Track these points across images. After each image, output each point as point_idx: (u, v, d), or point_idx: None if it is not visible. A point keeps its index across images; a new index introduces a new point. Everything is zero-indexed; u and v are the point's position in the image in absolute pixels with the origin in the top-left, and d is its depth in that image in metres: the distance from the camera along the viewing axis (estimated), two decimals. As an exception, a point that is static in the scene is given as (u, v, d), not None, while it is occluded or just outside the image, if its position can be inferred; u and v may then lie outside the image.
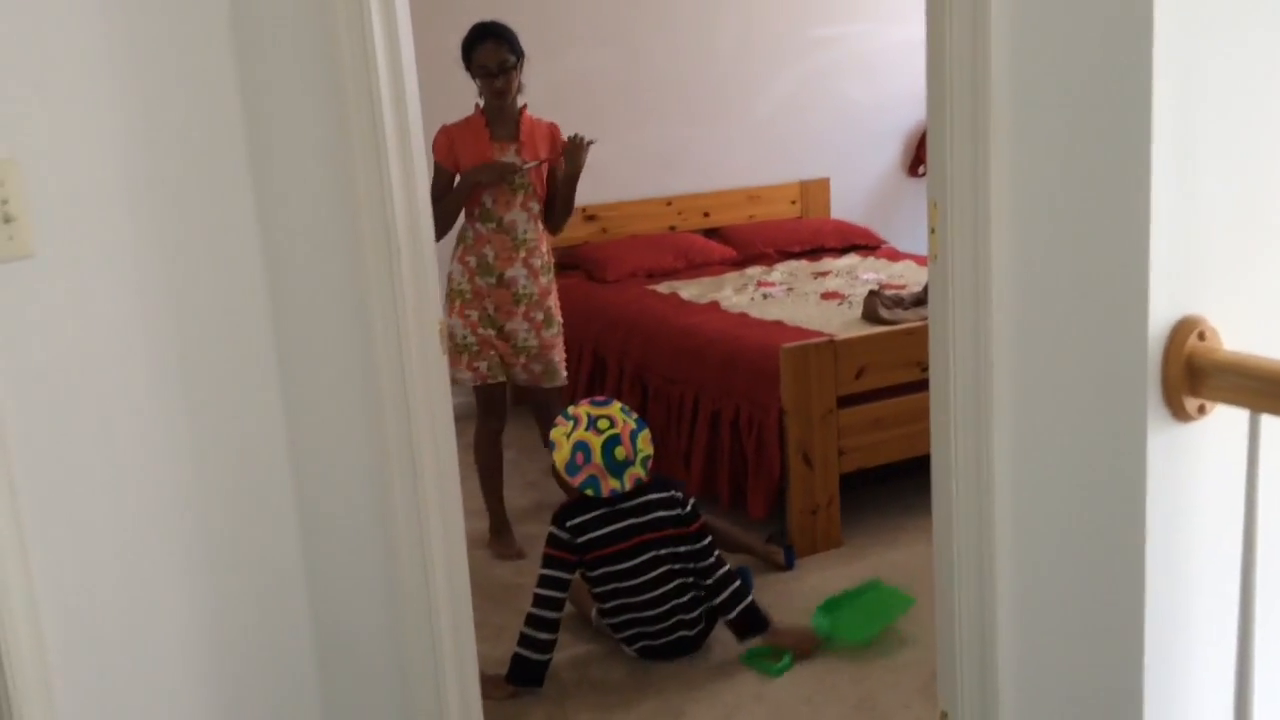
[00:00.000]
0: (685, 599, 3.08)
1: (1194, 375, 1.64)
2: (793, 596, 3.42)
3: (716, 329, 4.24)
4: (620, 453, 3.04)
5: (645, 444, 3.09)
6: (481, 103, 3.66)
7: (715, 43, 5.82)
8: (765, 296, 4.74)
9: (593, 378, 4.70)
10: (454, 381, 3.33)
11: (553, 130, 3.76)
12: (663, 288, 5.02)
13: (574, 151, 3.63)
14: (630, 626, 3.08)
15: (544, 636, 2.95)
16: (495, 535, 3.91)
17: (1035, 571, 1.82)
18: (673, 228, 5.77)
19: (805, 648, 3.11)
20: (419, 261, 2.02)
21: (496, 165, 3.60)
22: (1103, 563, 1.72)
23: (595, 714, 2.89)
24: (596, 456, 3.02)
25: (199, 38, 1.90)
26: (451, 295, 3.70)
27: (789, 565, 3.58)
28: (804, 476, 3.66)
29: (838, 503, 3.74)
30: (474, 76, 3.60)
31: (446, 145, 3.62)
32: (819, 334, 3.93)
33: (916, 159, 6.38)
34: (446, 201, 3.55)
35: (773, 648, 3.10)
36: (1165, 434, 1.66)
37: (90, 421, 1.76)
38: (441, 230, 3.26)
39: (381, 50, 1.90)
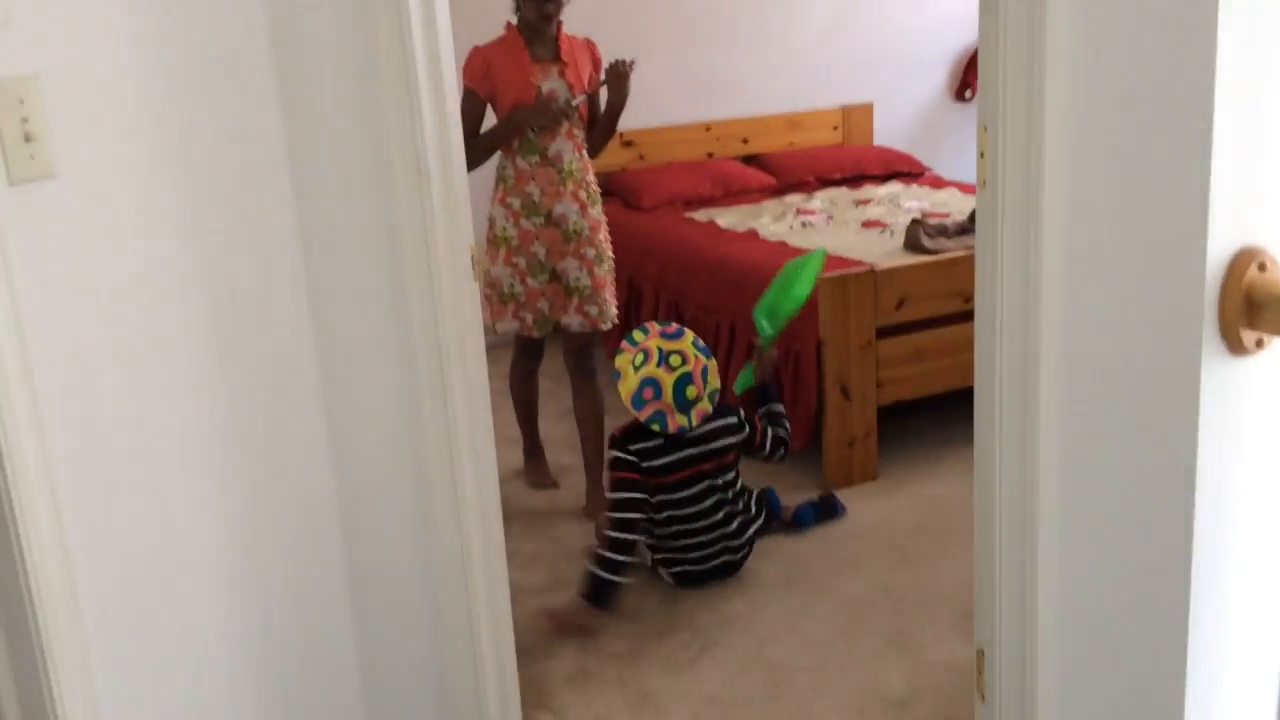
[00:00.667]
0: (734, 526, 3.09)
1: (1253, 308, 1.57)
2: (829, 532, 3.40)
3: (754, 258, 4.16)
4: (692, 391, 2.99)
5: (714, 378, 3.05)
6: (515, 20, 3.35)
7: (757, -37, 5.66)
8: (805, 225, 4.65)
9: (628, 307, 4.64)
10: (496, 332, 3.32)
11: (591, 48, 3.47)
12: (700, 215, 4.94)
13: (618, 80, 3.31)
14: (677, 553, 3.08)
15: (622, 558, 2.93)
16: (529, 464, 3.84)
17: (1079, 509, 1.78)
18: (711, 154, 5.67)
19: (769, 360, 3.33)
20: (450, 187, 1.97)
21: (550, 106, 3.25)
22: (1150, 500, 1.67)
23: (628, 643, 2.89)
24: (668, 395, 2.96)
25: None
26: (495, 241, 3.39)
27: (840, 511, 3.53)
28: (841, 408, 3.62)
29: (875, 435, 3.69)
30: None
31: (482, 68, 3.28)
32: (859, 263, 3.85)
33: (964, 83, 6.21)
34: (485, 138, 3.30)
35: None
36: (1220, 368, 1.60)
37: (118, 349, 1.73)
38: (471, 166, 3.03)
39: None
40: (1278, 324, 1.57)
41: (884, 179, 5.48)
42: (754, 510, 3.17)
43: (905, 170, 5.56)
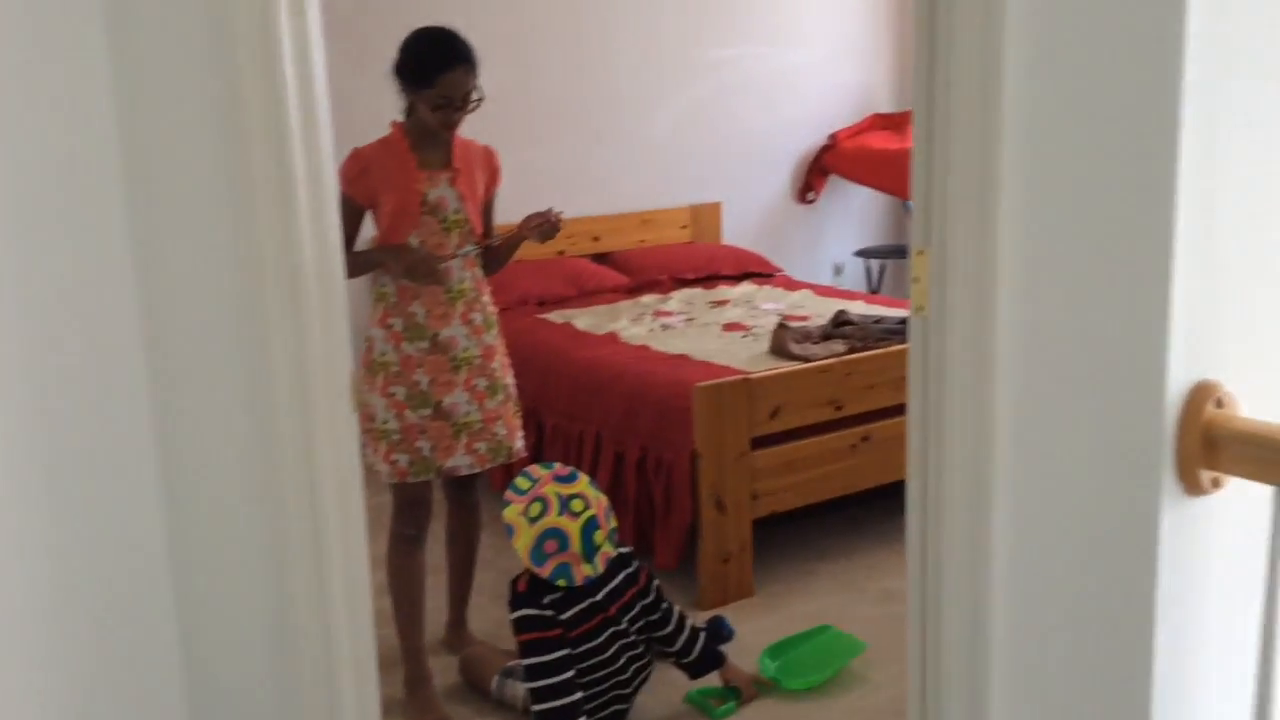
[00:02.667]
0: (628, 672, 2.83)
1: (1211, 446, 1.50)
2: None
3: (618, 363, 4.02)
4: (599, 536, 2.72)
5: (613, 517, 2.80)
6: (403, 120, 2.93)
7: (609, 63, 5.62)
8: (665, 327, 4.54)
9: (482, 413, 4.41)
10: (367, 470, 2.69)
11: (490, 156, 3.08)
12: (555, 316, 4.77)
13: (548, 229, 2.99)
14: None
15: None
16: (414, 697, 2.97)
17: (1033, 657, 1.65)
18: (562, 252, 5.52)
19: (750, 691, 2.96)
20: (329, 309, 1.73)
21: (420, 257, 2.81)
22: (1109, 644, 1.57)
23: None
24: (575, 544, 2.68)
25: (67, 36, 1.59)
26: (373, 368, 2.90)
27: (729, 636, 3.31)
28: (716, 523, 3.47)
29: (751, 550, 3.55)
30: (423, 100, 2.83)
31: (357, 172, 2.85)
32: (727, 369, 3.74)
33: (807, 185, 6.31)
34: (355, 258, 2.77)
35: (719, 689, 2.96)
36: (1178, 509, 1.51)
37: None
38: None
39: (289, 57, 1.61)
40: (1237, 463, 1.50)
41: (737, 279, 5.45)
42: (676, 633, 2.90)
43: (757, 270, 5.55)
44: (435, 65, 2.81)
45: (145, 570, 1.75)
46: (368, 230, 2.96)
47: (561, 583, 2.67)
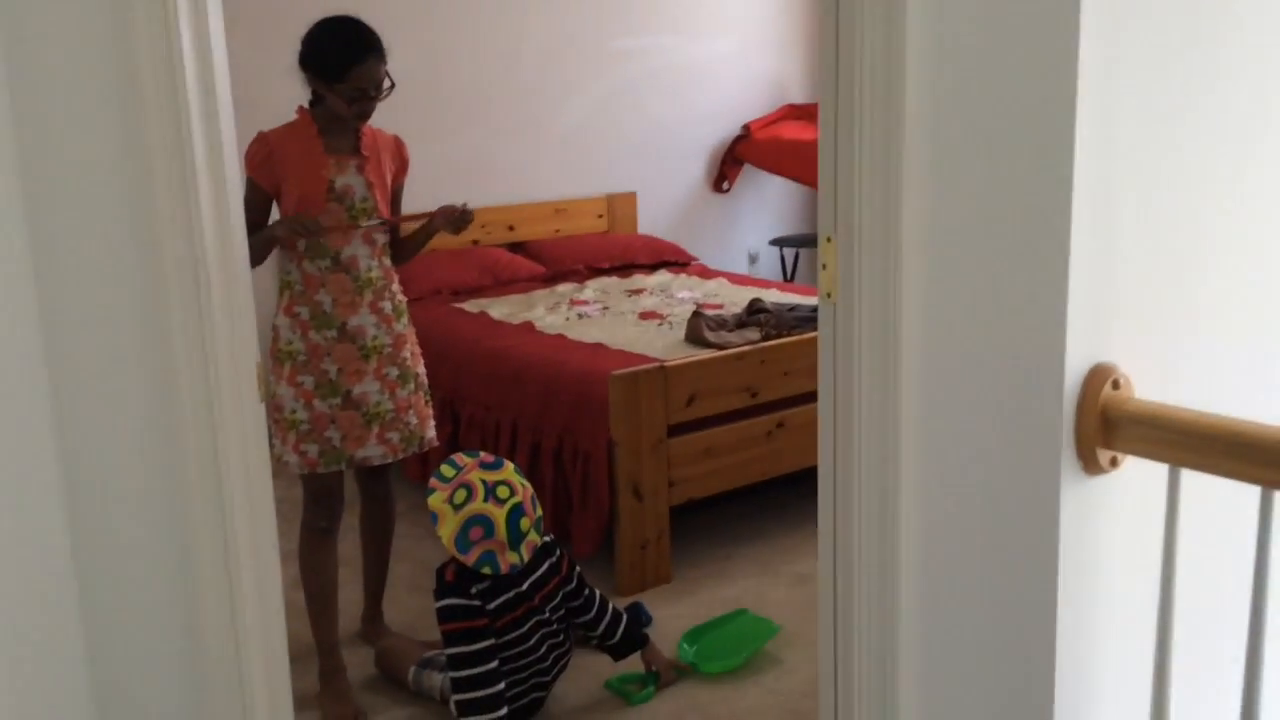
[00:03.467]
0: (549, 660, 2.82)
1: (1108, 426, 1.55)
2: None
3: (533, 352, 4.00)
4: (525, 523, 2.69)
5: (538, 506, 2.78)
6: (309, 105, 2.86)
7: (520, 51, 5.58)
8: (581, 316, 4.53)
9: (397, 404, 4.36)
10: (277, 461, 2.70)
11: (399, 146, 3.03)
12: (470, 306, 4.74)
13: (459, 221, 2.96)
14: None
15: (499, 716, 2.59)
16: (327, 689, 2.93)
17: (941, 636, 1.69)
18: (476, 242, 5.48)
19: (669, 675, 2.98)
20: (232, 296, 1.69)
21: (304, 220, 2.75)
22: (1014, 620, 1.61)
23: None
24: (501, 531, 2.65)
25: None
26: (280, 357, 2.84)
27: (648, 621, 3.33)
28: (634, 511, 3.47)
29: (668, 537, 3.57)
30: (334, 93, 2.77)
31: (263, 157, 2.80)
32: (643, 358, 3.75)
33: (721, 175, 6.34)
34: (254, 240, 2.62)
35: (638, 675, 2.98)
36: (1077, 488, 1.56)
37: None
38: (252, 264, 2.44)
39: (188, 41, 1.57)
40: (1133, 442, 1.55)
41: (653, 268, 5.47)
42: (598, 618, 2.90)
43: (673, 259, 5.57)
44: (346, 58, 2.76)
45: (48, 567, 1.70)
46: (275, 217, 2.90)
47: (487, 570, 2.65)
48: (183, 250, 1.62)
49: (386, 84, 2.82)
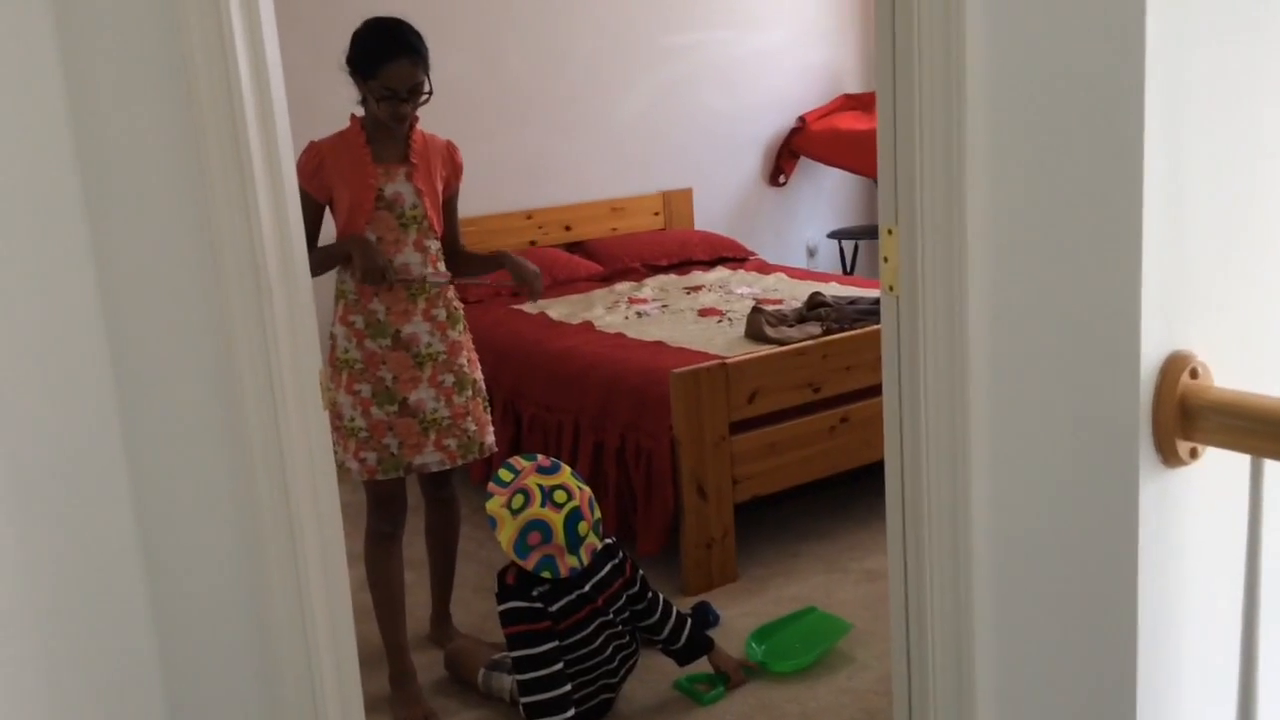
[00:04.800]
0: (615, 662, 2.81)
1: (1187, 416, 1.49)
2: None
3: (594, 352, 4.00)
4: (583, 527, 2.69)
5: (597, 508, 2.77)
6: (361, 114, 2.86)
7: (572, 51, 5.59)
8: (640, 315, 4.52)
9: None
10: (339, 467, 2.71)
11: (452, 151, 3.01)
12: (529, 307, 4.74)
13: (527, 282, 2.98)
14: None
15: (567, 717, 2.60)
16: (399, 692, 2.95)
17: (1017, 635, 1.65)
18: (533, 242, 5.50)
19: (738, 676, 2.95)
20: (294, 304, 1.70)
21: (375, 265, 2.73)
22: (1093, 617, 1.56)
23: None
24: (559, 536, 2.65)
25: (12, 30, 1.55)
26: (337, 366, 2.85)
27: (715, 621, 3.32)
28: (698, 509, 3.45)
29: (733, 535, 3.54)
30: (368, 91, 2.77)
31: (313, 167, 2.79)
32: (704, 355, 3.73)
33: (777, 168, 6.29)
34: (313, 256, 2.61)
35: (707, 675, 2.95)
36: (1156, 481, 1.51)
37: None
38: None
39: (242, 51, 1.58)
40: (1213, 433, 1.50)
41: (711, 264, 5.44)
42: (662, 623, 2.88)
43: (730, 255, 5.54)
44: (379, 56, 2.74)
45: (119, 578, 1.73)
46: (329, 226, 2.92)
47: (547, 574, 2.64)
48: (243, 259, 1.63)
49: (425, 90, 2.81)
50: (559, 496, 2.68)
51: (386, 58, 2.74)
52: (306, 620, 1.74)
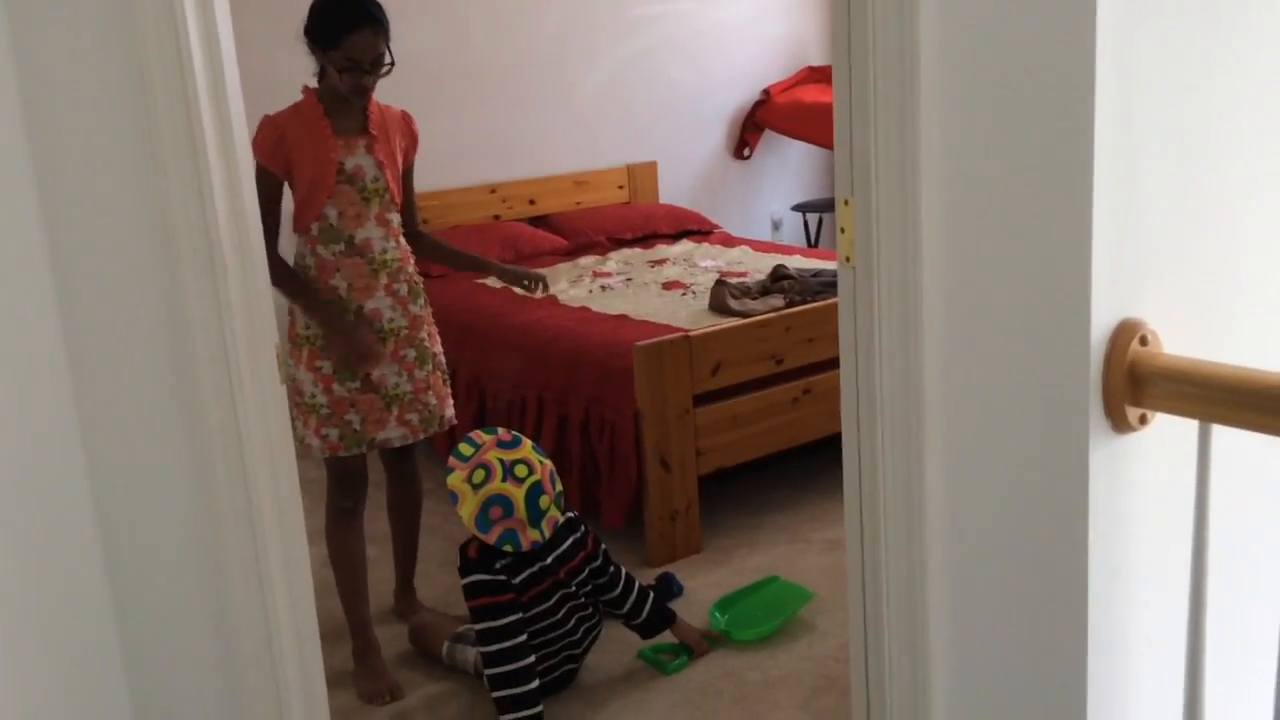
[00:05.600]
0: (579, 633, 2.83)
1: (1137, 383, 1.52)
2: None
3: (557, 325, 3.99)
4: (544, 501, 2.69)
5: (558, 481, 2.78)
6: (315, 86, 2.81)
7: (536, 23, 5.55)
8: (604, 288, 4.52)
9: (423, 381, 4.37)
10: (300, 444, 2.74)
11: (408, 121, 2.97)
12: (491, 282, 4.73)
13: (524, 285, 3.12)
14: None
15: (526, 689, 2.59)
16: (361, 667, 2.95)
17: (970, 598, 1.67)
18: (497, 216, 5.48)
19: (702, 646, 2.98)
20: (249, 279, 1.69)
21: (360, 346, 2.76)
22: (1044, 583, 1.59)
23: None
24: (520, 510, 2.64)
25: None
26: (297, 342, 2.82)
27: (679, 592, 3.35)
28: (662, 481, 3.47)
29: (697, 507, 3.56)
30: (329, 62, 2.73)
31: (273, 142, 2.73)
32: (668, 328, 3.74)
33: (742, 141, 6.29)
34: (282, 279, 2.70)
35: (671, 645, 2.98)
36: (1106, 446, 1.53)
37: None
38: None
39: (194, 24, 1.56)
40: (1162, 399, 1.52)
41: (675, 237, 5.44)
42: (624, 596, 2.90)
43: (695, 228, 5.54)
44: (340, 25, 2.70)
45: (77, 558, 1.72)
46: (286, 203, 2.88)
47: (508, 548, 2.65)
48: (197, 235, 1.62)
49: (386, 61, 2.77)
50: (520, 471, 2.68)
51: (349, 28, 2.69)
52: (266, 596, 1.74)
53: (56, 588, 1.72)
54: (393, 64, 2.80)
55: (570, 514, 2.86)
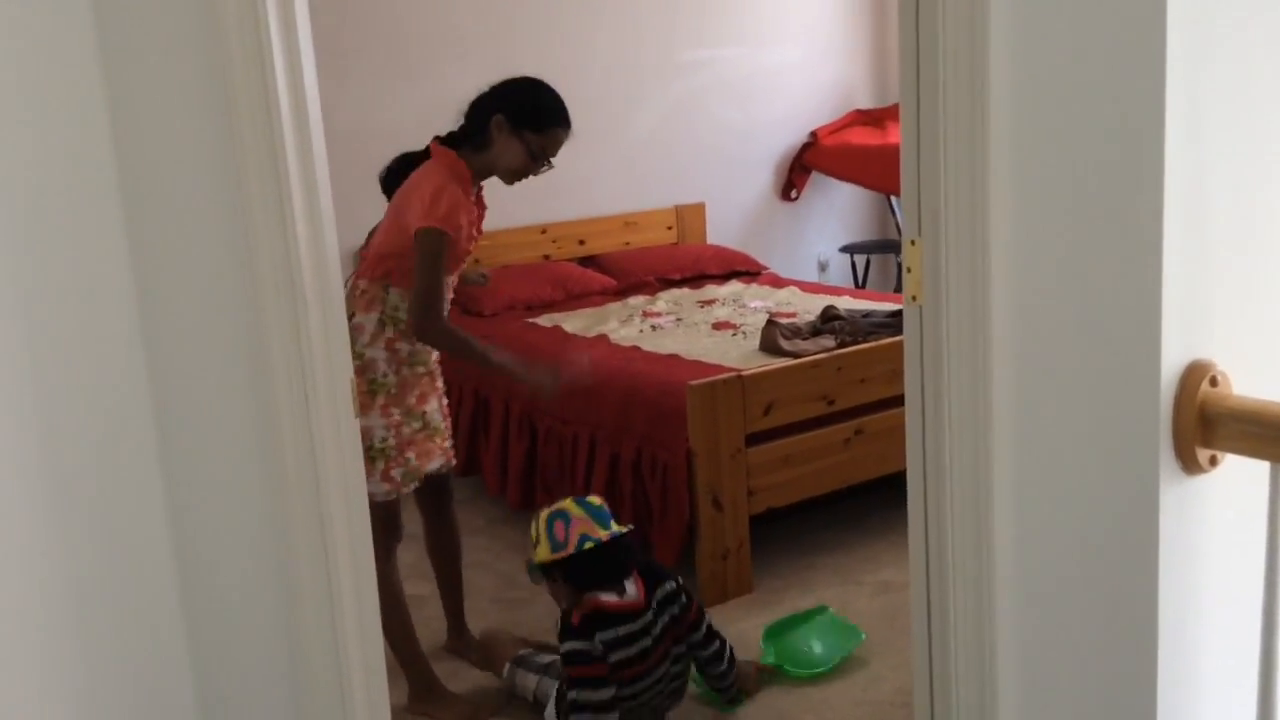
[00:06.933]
0: (666, 693, 2.80)
1: (1207, 424, 1.52)
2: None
3: (609, 365, 4.02)
4: (594, 500, 2.77)
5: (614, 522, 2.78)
6: (448, 143, 2.85)
7: (586, 66, 5.62)
8: (654, 328, 4.55)
9: (474, 421, 4.41)
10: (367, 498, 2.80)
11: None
12: (544, 320, 4.78)
13: (547, 383, 2.99)
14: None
15: None
16: (431, 695, 2.98)
17: (1039, 643, 1.66)
18: (547, 256, 5.54)
19: (754, 684, 2.97)
20: (328, 312, 1.73)
21: (547, 370, 2.89)
22: (1114, 626, 1.58)
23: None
24: (578, 511, 2.70)
25: (59, 52, 1.59)
26: (374, 389, 2.82)
27: None
28: (714, 520, 3.47)
29: (748, 547, 3.56)
30: (523, 143, 2.80)
31: (466, 225, 2.78)
32: (719, 367, 3.75)
33: (789, 183, 6.33)
34: (476, 352, 2.82)
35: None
36: (1176, 488, 1.53)
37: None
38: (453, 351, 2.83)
39: (280, 67, 1.62)
40: (1232, 440, 1.52)
41: (724, 278, 5.47)
42: (716, 663, 2.85)
43: (743, 269, 5.56)
44: (554, 116, 2.83)
45: (153, 582, 1.75)
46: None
47: (589, 545, 2.65)
48: (280, 271, 1.66)
49: (550, 164, 2.89)
50: (561, 503, 2.75)
51: (559, 123, 2.84)
52: (337, 624, 1.76)
53: (131, 612, 1.76)
54: (551, 167, 2.92)
55: (674, 581, 2.81)
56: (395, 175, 2.93)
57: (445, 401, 3.06)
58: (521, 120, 2.81)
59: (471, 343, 2.86)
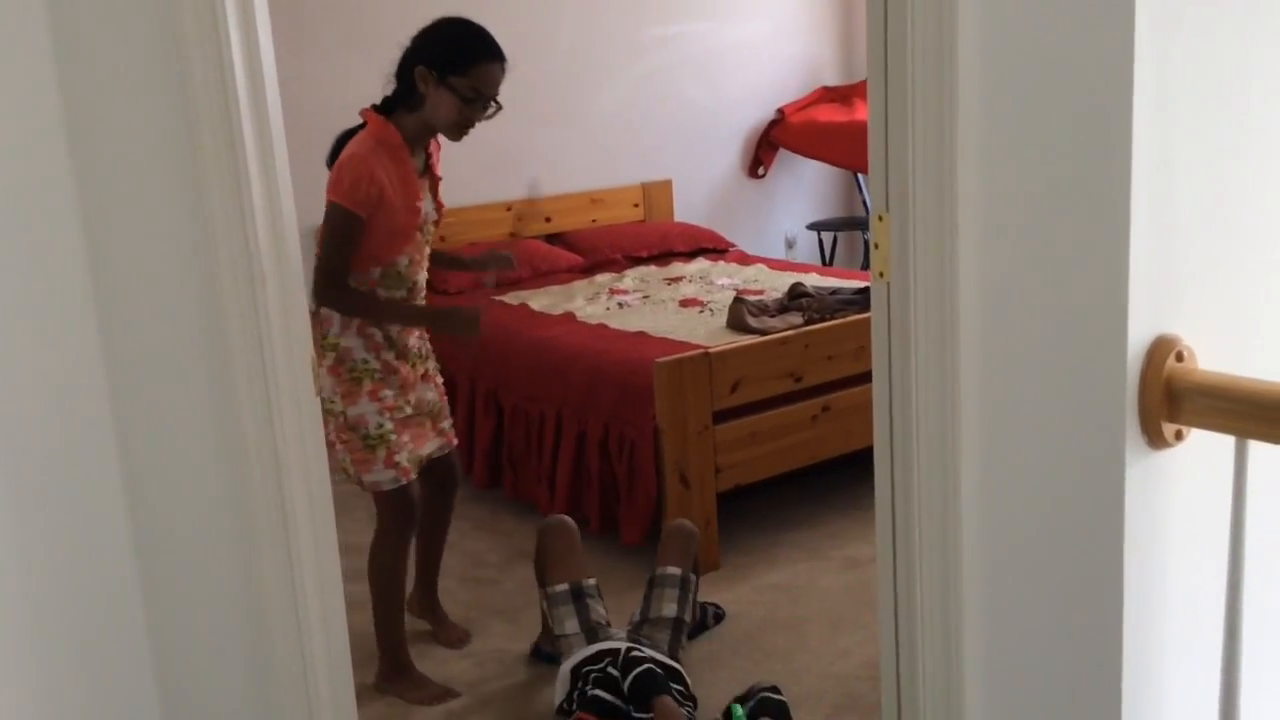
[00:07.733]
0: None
1: (1172, 399, 1.52)
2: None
3: (576, 342, 4.00)
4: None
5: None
6: (382, 110, 2.68)
7: (552, 42, 5.58)
8: (621, 305, 4.53)
9: (440, 397, 4.37)
10: (374, 488, 2.77)
11: (437, 147, 2.90)
12: (510, 298, 4.75)
13: (503, 264, 3.12)
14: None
15: None
16: (400, 675, 2.95)
17: (1005, 614, 1.67)
18: (513, 234, 5.50)
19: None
20: (286, 292, 1.70)
21: (469, 317, 2.75)
22: (1079, 598, 1.59)
23: None
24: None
25: (4, 26, 1.54)
26: (357, 375, 2.74)
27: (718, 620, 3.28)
28: (681, 498, 3.47)
29: (716, 523, 3.56)
30: (449, 90, 2.62)
31: (376, 193, 2.59)
32: (686, 345, 3.74)
33: (756, 160, 6.31)
34: (374, 307, 2.71)
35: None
36: (1142, 462, 1.53)
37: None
38: (348, 311, 2.66)
39: (236, 39, 1.58)
40: (1198, 415, 1.52)
41: (691, 255, 5.46)
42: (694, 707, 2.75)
43: (710, 246, 5.55)
44: (473, 54, 2.61)
45: (112, 562, 1.72)
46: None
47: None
48: (237, 245, 1.63)
49: (497, 105, 2.70)
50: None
51: (482, 57, 2.62)
52: (299, 606, 1.74)
53: (89, 595, 1.73)
54: (500, 107, 2.71)
55: (681, 686, 2.68)
56: (337, 155, 2.81)
57: (441, 383, 3.02)
58: (444, 66, 2.62)
59: (374, 302, 2.72)
